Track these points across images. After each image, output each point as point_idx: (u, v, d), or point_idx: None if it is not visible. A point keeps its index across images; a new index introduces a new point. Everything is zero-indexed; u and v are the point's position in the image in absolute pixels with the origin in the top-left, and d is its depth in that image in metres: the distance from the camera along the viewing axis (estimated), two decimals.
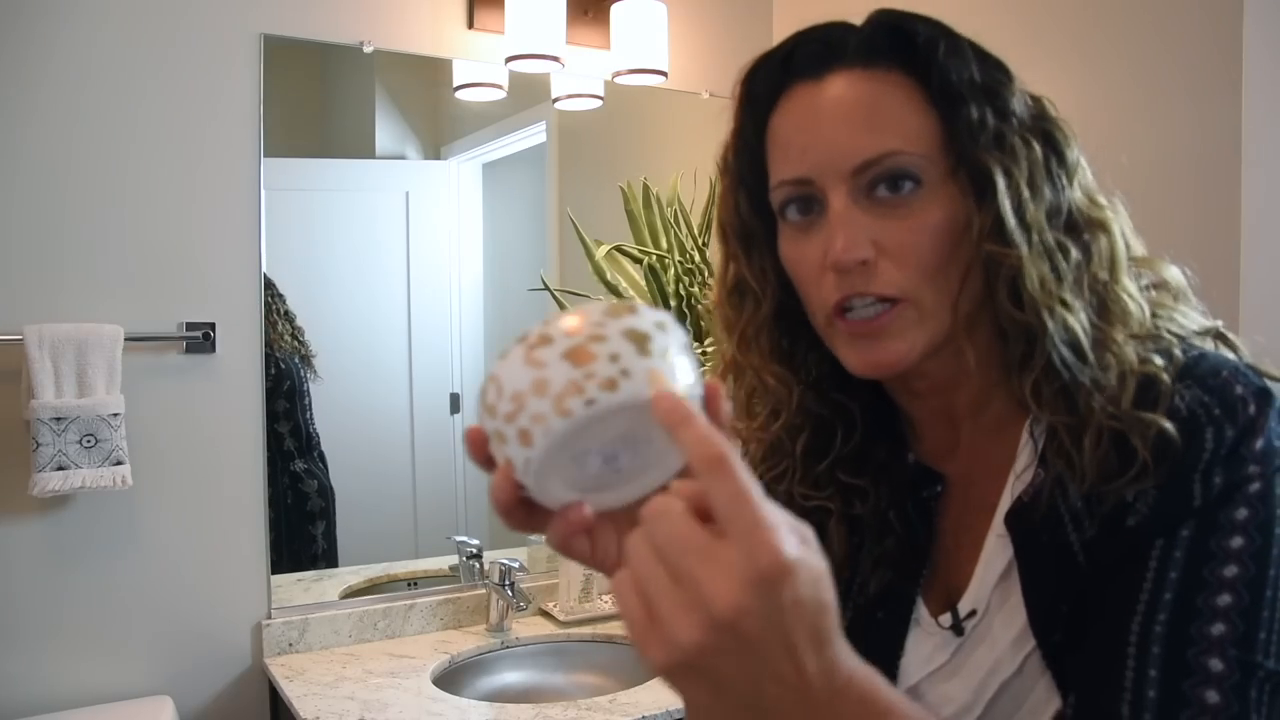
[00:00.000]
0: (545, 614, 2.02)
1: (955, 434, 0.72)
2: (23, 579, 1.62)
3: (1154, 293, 0.70)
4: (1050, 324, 0.63)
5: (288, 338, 1.92)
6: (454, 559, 2.02)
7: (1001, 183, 0.63)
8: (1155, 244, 0.78)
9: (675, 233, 2.18)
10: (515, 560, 1.90)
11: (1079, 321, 0.63)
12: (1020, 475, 0.67)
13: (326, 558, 1.97)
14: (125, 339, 1.63)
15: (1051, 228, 0.65)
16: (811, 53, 0.67)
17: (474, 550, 2.00)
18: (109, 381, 1.61)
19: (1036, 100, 0.69)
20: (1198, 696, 0.56)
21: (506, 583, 1.89)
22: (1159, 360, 0.63)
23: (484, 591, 1.94)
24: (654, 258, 2.16)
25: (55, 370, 1.57)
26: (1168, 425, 0.60)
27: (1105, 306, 0.65)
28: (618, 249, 2.18)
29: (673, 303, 2.17)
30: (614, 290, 2.18)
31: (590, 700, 1.58)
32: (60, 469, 1.56)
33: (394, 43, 1.94)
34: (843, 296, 0.65)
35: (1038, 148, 0.65)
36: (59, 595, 1.65)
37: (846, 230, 0.63)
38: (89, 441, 1.58)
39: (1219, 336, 0.70)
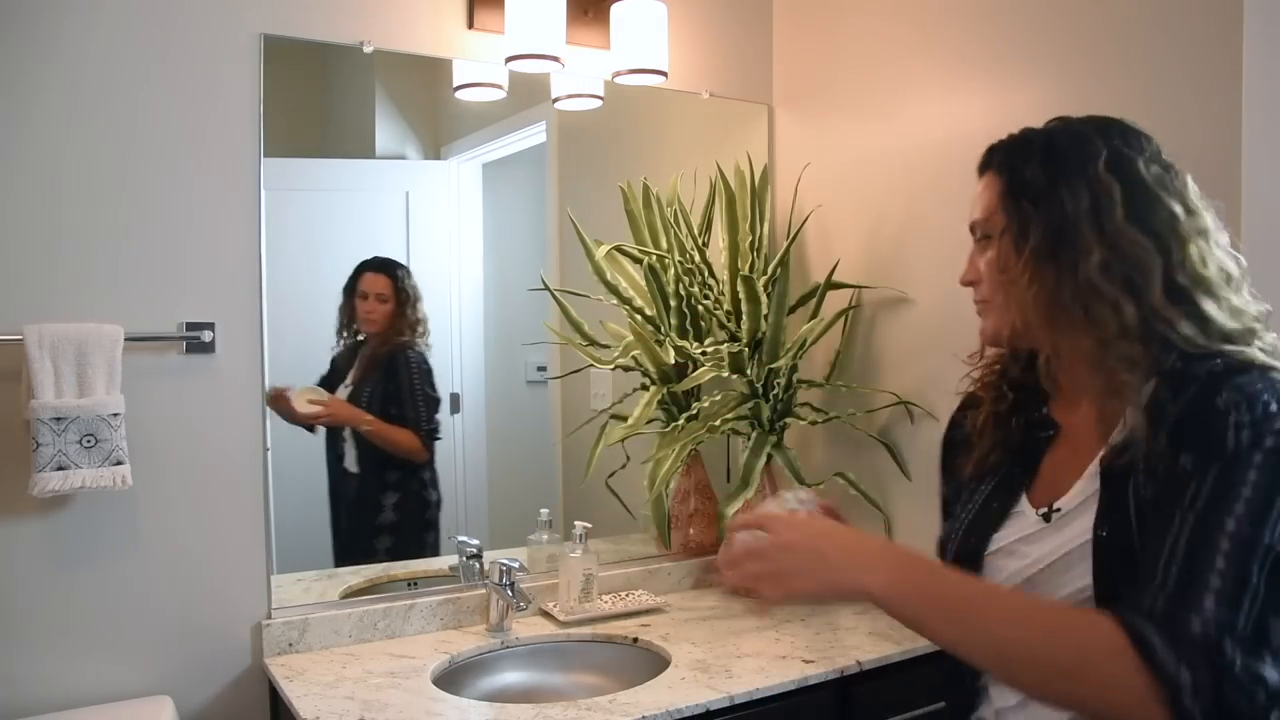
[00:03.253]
0: (545, 614, 2.02)
1: (1081, 396, 1.07)
2: (23, 579, 1.62)
3: (1259, 325, 0.98)
4: (1090, 325, 0.99)
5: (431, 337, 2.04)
6: (454, 559, 2.02)
7: (1005, 239, 1.05)
8: None
9: (675, 233, 2.18)
10: (515, 560, 1.90)
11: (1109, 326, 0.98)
12: (1119, 430, 0.99)
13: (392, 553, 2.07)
14: (125, 339, 1.63)
15: (1085, 266, 0.98)
16: (983, 160, 1.11)
17: (474, 550, 1.99)
18: (109, 381, 1.61)
19: (1106, 184, 1.00)
20: (1209, 559, 0.84)
21: (506, 583, 1.89)
22: (1182, 365, 0.94)
23: (484, 591, 1.94)
24: (654, 258, 2.16)
25: (55, 370, 1.57)
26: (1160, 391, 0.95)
27: (1152, 326, 0.96)
28: (618, 249, 2.18)
29: (673, 302, 2.17)
30: (614, 290, 2.18)
31: (590, 700, 1.58)
32: (60, 469, 1.56)
33: (394, 43, 1.94)
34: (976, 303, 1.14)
35: (1052, 219, 1.01)
36: (59, 595, 1.65)
37: (969, 261, 1.12)
38: (89, 441, 1.58)
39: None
